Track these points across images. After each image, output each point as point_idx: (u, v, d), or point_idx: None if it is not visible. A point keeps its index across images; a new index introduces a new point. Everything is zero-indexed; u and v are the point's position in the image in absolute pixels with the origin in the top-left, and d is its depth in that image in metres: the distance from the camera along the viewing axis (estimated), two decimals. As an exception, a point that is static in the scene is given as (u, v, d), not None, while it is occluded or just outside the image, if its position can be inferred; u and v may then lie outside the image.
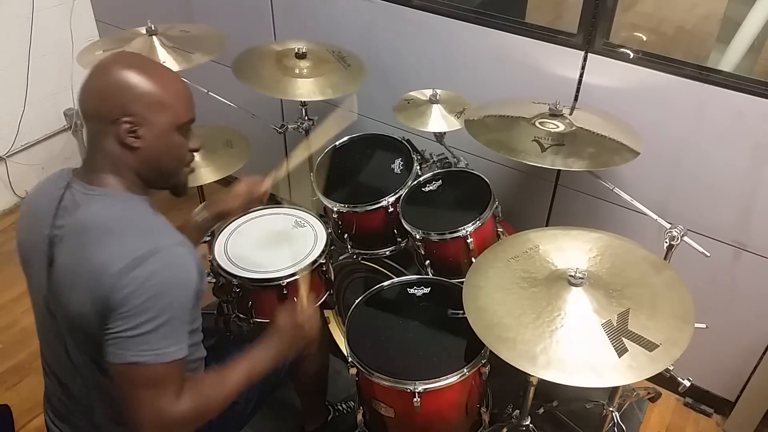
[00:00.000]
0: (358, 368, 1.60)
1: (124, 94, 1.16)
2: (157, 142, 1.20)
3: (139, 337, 1.10)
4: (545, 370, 1.28)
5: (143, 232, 1.17)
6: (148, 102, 1.17)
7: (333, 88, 2.02)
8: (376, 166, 2.11)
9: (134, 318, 1.09)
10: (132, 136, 1.17)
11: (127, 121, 1.16)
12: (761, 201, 1.81)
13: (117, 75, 1.16)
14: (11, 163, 3.10)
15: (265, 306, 1.90)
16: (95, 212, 1.18)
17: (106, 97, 1.16)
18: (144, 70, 1.18)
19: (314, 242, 1.95)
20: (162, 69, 1.25)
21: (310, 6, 2.40)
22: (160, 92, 1.18)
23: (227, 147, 2.11)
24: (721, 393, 2.19)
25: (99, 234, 1.15)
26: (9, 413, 1.66)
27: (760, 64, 1.97)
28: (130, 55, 1.25)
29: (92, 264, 1.12)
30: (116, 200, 1.20)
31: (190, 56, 1.97)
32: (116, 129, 1.17)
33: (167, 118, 1.20)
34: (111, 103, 1.16)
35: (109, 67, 1.18)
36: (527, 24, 2.01)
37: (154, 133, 1.19)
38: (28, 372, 2.34)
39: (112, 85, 1.16)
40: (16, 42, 2.94)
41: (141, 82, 1.17)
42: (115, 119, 1.16)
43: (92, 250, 1.13)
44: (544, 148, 1.61)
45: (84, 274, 1.13)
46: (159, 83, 1.18)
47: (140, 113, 1.17)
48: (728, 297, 1.99)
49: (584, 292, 1.41)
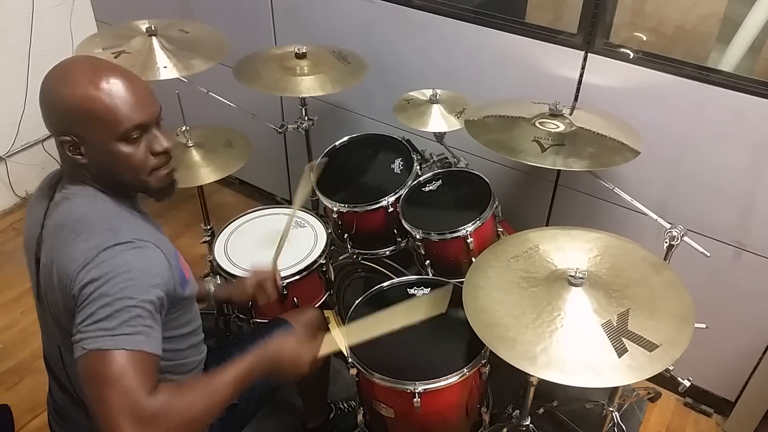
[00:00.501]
0: (358, 368, 1.60)
1: (58, 111, 1.13)
2: (101, 156, 1.16)
3: (96, 324, 1.04)
4: (545, 370, 1.28)
5: (105, 229, 1.14)
6: (77, 119, 1.12)
7: (333, 84, 2.02)
8: (376, 166, 2.11)
9: (90, 306, 1.05)
10: (76, 153, 1.16)
11: (65, 140, 1.14)
12: (761, 201, 1.81)
13: (50, 91, 1.14)
14: (11, 163, 3.10)
15: (265, 306, 1.90)
16: (66, 212, 1.18)
17: (47, 114, 1.15)
18: (73, 83, 1.12)
19: (314, 242, 1.95)
20: (98, 74, 1.13)
21: (310, 6, 2.40)
22: (88, 106, 1.11)
23: (227, 147, 2.10)
24: (721, 393, 2.19)
25: (67, 233, 1.15)
26: (9, 413, 1.66)
27: (760, 64, 1.97)
28: (64, 66, 1.15)
29: (60, 263, 1.12)
30: (85, 199, 1.19)
31: (190, 63, 1.96)
32: (61, 146, 1.16)
33: (102, 132, 1.13)
34: (51, 120, 1.15)
35: (46, 82, 1.14)
36: (527, 24, 2.01)
37: (94, 148, 1.15)
38: (28, 372, 2.34)
39: (49, 102, 1.14)
40: (16, 42, 2.94)
41: (68, 97, 1.11)
42: (57, 136, 1.15)
43: (61, 249, 1.14)
44: (544, 148, 1.61)
45: (56, 273, 1.14)
46: (88, 96, 1.11)
47: (74, 131, 1.13)
48: (728, 297, 1.99)
49: (584, 292, 1.41)
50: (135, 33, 2.04)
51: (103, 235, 1.12)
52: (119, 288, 1.06)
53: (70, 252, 1.11)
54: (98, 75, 1.13)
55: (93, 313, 1.04)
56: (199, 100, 2.13)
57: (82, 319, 1.05)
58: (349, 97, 2.49)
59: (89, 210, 1.18)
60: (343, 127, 2.51)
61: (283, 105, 2.70)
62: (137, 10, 2.72)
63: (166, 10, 2.80)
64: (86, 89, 1.11)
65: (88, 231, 1.13)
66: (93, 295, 1.05)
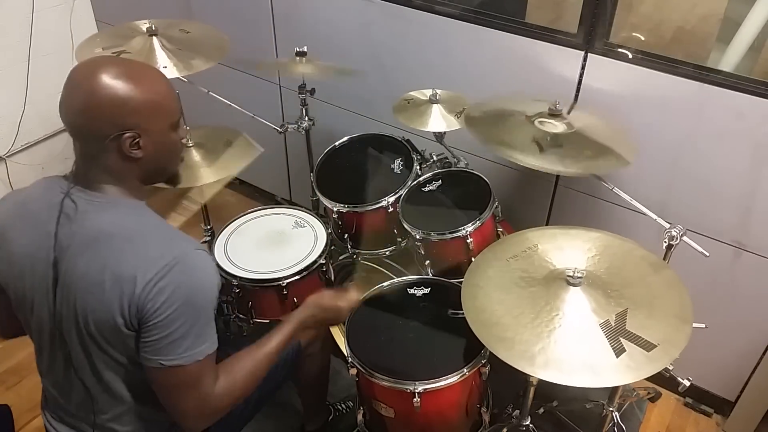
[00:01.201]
0: (358, 368, 1.61)
1: (119, 109, 1.13)
2: (158, 146, 1.20)
3: (174, 343, 1.15)
4: (543, 370, 1.28)
5: (163, 239, 1.19)
6: (144, 111, 1.15)
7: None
8: (376, 166, 2.11)
9: (168, 326, 1.14)
10: (135, 147, 1.17)
11: (128, 136, 1.15)
12: (761, 201, 1.81)
13: (104, 90, 1.12)
14: (11, 163, 3.10)
15: (265, 306, 1.91)
16: (108, 221, 1.18)
17: (99, 115, 1.13)
18: (129, 78, 1.14)
19: (314, 242, 1.96)
20: (145, 71, 1.20)
21: (310, 6, 2.40)
22: (152, 98, 1.16)
23: (227, 147, 2.10)
24: (721, 393, 2.19)
25: (119, 242, 1.15)
26: (9, 413, 1.66)
27: (760, 64, 1.97)
28: (106, 64, 1.15)
29: (118, 271, 1.13)
30: (127, 209, 1.21)
31: (190, 63, 1.95)
32: (116, 145, 1.15)
33: (164, 121, 1.20)
34: (106, 120, 1.13)
35: (92, 82, 1.12)
36: (527, 24, 2.01)
37: (154, 139, 1.19)
38: (28, 372, 2.34)
39: (102, 102, 1.12)
40: (16, 42, 2.94)
41: (131, 92, 1.13)
42: (114, 136, 1.14)
43: (114, 258, 1.14)
44: (543, 149, 1.61)
45: (107, 281, 1.13)
46: (148, 88, 1.16)
47: (138, 124, 1.15)
48: (728, 297, 1.99)
49: (582, 292, 1.41)
50: (135, 33, 2.04)
51: (164, 244, 1.18)
52: (195, 308, 1.16)
53: (132, 260, 1.14)
54: (144, 70, 1.20)
55: (173, 331, 1.14)
56: (198, 99, 2.13)
57: (161, 335, 1.14)
58: (349, 97, 2.49)
59: (138, 218, 1.21)
60: (343, 127, 2.51)
61: (283, 105, 2.70)
62: (137, 10, 2.72)
63: (167, 10, 2.80)
64: (148, 80, 1.17)
65: (144, 238, 1.17)
66: (169, 318, 1.14)
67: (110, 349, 1.20)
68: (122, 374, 1.25)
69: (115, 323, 1.15)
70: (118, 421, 1.31)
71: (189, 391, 1.19)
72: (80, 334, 1.21)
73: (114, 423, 1.31)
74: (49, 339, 1.27)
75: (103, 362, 1.23)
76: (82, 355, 1.24)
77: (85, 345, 1.22)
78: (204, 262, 1.20)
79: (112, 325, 1.15)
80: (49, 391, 1.39)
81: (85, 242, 1.17)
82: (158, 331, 1.14)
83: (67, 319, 1.21)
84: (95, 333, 1.19)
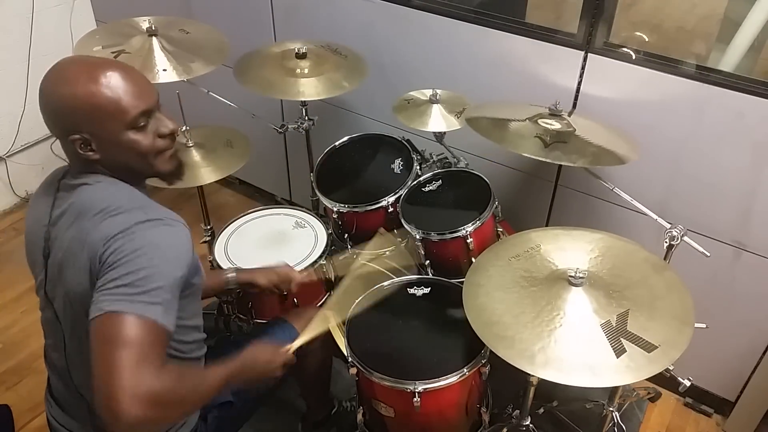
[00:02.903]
0: (358, 368, 1.61)
1: (63, 112, 1.15)
2: (112, 148, 1.19)
3: (118, 288, 1.07)
4: (543, 369, 1.28)
5: (135, 208, 1.17)
6: (88, 116, 1.15)
7: (336, 86, 2.02)
8: (376, 166, 2.11)
9: (116, 270, 1.08)
10: (87, 150, 1.18)
11: (75, 139, 1.16)
12: (761, 201, 1.81)
13: (53, 93, 1.15)
14: (11, 163, 3.10)
15: (265, 306, 1.91)
16: (91, 195, 1.20)
17: (51, 116, 1.17)
18: (73, 82, 1.14)
19: (314, 243, 1.96)
20: (95, 70, 1.16)
21: (310, 5, 2.40)
22: (95, 101, 1.14)
23: (227, 147, 2.10)
24: (721, 393, 2.19)
25: (94, 214, 1.16)
26: (9, 413, 1.66)
27: (760, 64, 1.97)
28: (60, 67, 1.17)
29: (89, 239, 1.14)
30: (107, 184, 1.22)
31: (189, 66, 1.95)
32: (72, 145, 1.18)
33: (113, 123, 1.17)
34: (57, 122, 1.17)
35: (45, 85, 1.16)
36: (527, 24, 2.01)
37: (105, 142, 1.18)
38: (28, 372, 2.34)
39: (52, 105, 1.16)
40: (16, 42, 2.94)
41: (71, 96, 1.14)
42: (66, 137, 1.17)
43: (88, 228, 1.15)
44: (547, 143, 1.60)
45: (82, 250, 1.14)
46: (93, 92, 1.14)
47: (82, 129, 1.16)
48: (728, 297, 1.99)
49: (584, 293, 1.41)
50: (135, 31, 2.04)
51: (134, 212, 1.16)
52: (147, 259, 1.09)
53: (103, 228, 1.13)
54: (96, 70, 1.16)
55: (117, 277, 1.07)
56: (198, 99, 2.13)
57: (106, 281, 1.08)
58: (349, 97, 2.49)
59: (115, 192, 1.21)
60: (343, 127, 2.51)
61: (284, 105, 2.70)
62: (137, 9, 2.72)
63: (166, 9, 2.80)
64: (87, 86, 1.14)
65: (119, 209, 1.16)
66: (120, 262, 1.08)
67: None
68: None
69: (87, 292, 1.12)
70: None
71: (127, 354, 1.02)
72: (69, 313, 1.22)
73: None
74: (51, 326, 1.29)
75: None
76: (75, 337, 1.25)
77: (74, 326, 1.23)
78: (171, 228, 1.16)
79: (86, 295, 1.13)
80: (53, 378, 1.40)
81: (67, 220, 1.20)
82: (105, 276, 1.08)
83: (59, 297, 1.23)
84: (79, 311, 1.17)
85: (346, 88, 2.03)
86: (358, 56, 2.16)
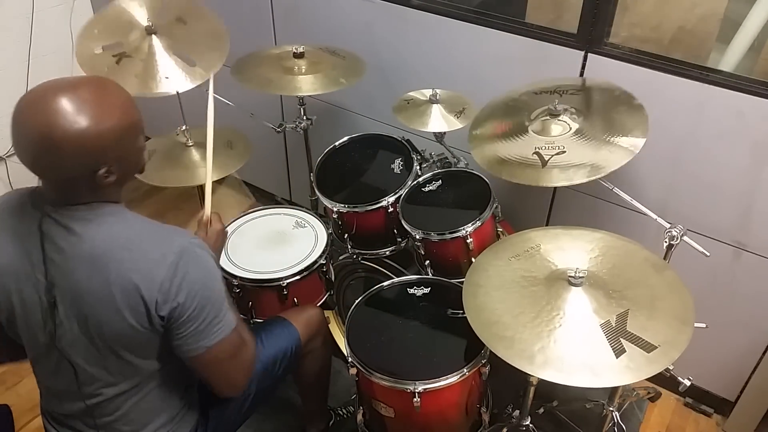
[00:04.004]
0: (358, 368, 1.61)
1: (86, 151, 1.07)
2: (129, 161, 1.19)
3: (210, 325, 1.22)
4: (542, 370, 1.28)
5: (157, 238, 1.19)
6: (112, 143, 1.10)
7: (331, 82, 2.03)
8: (376, 166, 2.11)
9: (199, 316, 1.20)
10: (109, 177, 1.13)
11: (102, 173, 1.11)
12: (761, 201, 1.81)
13: (65, 134, 1.04)
14: (11, 163, 3.10)
15: (265, 306, 1.91)
16: (97, 235, 1.15)
17: (64, 161, 1.07)
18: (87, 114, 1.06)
19: (314, 243, 1.96)
20: (101, 96, 1.10)
21: (310, 5, 2.40)
22: (114, 125, 1.10)
23: (227, 147, 2.11)
24: (721, 393, 2.19)
25: (117, 254, 1.14)
26: (9, 413, 1.66)
27: (760, 64, 1.97)
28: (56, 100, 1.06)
29: (122, 283, 1.14)
30: (112, 217, 1.18)
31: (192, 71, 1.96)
32: (91, 179, 1.12)
33: (131, 139, 1.16)
34: (73, 165, 1.08)
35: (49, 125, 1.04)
36: (527, 24, 2.01)
37: (125, 160, 1.17)
38: (28, 372, 2.29)
39: (65, 147, 1.05)
40: (16, 42, 2.94)
41: (94, 129, 1.06)
42: (89, 174, 1.11)
43: (116, 270, 1.14)
44: (545, 161, 1.59)
45: (116, 294, 1.14)
46: (109, 117, 1.09)
47: (109, 158, 1.11)
48: (728, 297, 1.99)
49: (584, 292, 1.41)
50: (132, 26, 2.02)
51: (161, 243, 1.18)
52: (212, 289, 1.22)
53: (135, 267, 1.14)
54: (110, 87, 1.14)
55: (205, 317, 1.21)
56: (198, 99, 2.13)
57: (194, 327, 1.20)
58: (349, 98, 2.49)
59: (125, 225, 1.19)
60: (343, 127, 2.52)
61: (283, 105, 2.70)
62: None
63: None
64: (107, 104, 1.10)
65: (139, 244, 1.17)
66: (199, 306, 1.19)
67: (127, 354, 1.22)
68: (131, 374, 1.27)
69: (133, 331, 1.18)
70: (122, 420, 1.32)
71: (238, 356, 1.30)
72: (89, 348, 1.22)
73: (118, 422, 1.32)
74: (46, 352, 1.27)
75: (117, 368, 1.25)
76: (91, 366, 1.25)
77: (94, 356, 1.23)
78: (202, 248, 1.23)
79: (130, 333, 1.18)
80: (49, 397, 1.40)
81: (80, 261, 1.15)
82: (191, 323, 1.20)
83: (71, 336, 1.21)
84: (112, 343, 1.20)
85: (344, 84, 2.03)
86: (356, 57, 2.16)
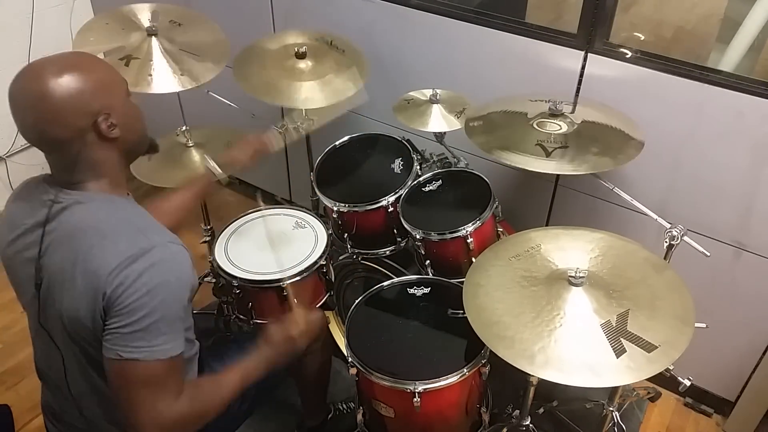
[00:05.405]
0: (358, 368, 1.61)
1: (80, 100, 1.13)
2: (127, 117, 1.21)
3: (134, 334, 1.11)
4: (543, 370, 1.28)
5: (134, 231, 1.17)
6: (102, 90, 1.16)
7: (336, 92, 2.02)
8: (376, 166, 2.11)
9: (129, 315, 1.10)
10: (112, 128, 1.17)
11: (102, 119, 1.15)
12: (761, 201, 1.81)
13: (57, 92, 1.11)
14: (11, 163, 3.10)
15: (265, 307, 1.90)
16: (82, 217, 1.17)
17: (66, 116, 1.12)
18: (72, 69, 1.14)
19: (314, 243, 1.95)
20: (79, 57, 1.21)
21: (310, 5, 2.40)
22: (100, 76, 1.17)
23: (227, 147, 2.10)
24: (721, 393, 2.19)
25: (90, 237, 1.15)
26: (9, 413, 1.66)
27: (760, 64, 1.98)
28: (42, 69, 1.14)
29: (86, 267, 1.13)
30: (102, 203, 1.20)
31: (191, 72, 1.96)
32: (95, 133, 1.16)
33: (119, 92, 1.21)
34: (76, 116, 1.13)
35: (42, 91, 1.11)
36: (527, 24, 2.01)
37: (121, 112, 1.19)
38: (28, 372, 2.34)
39: (62, 103, 1.11)
40: (16, 42, 2.94)
41: (81, 80, 1.13)
42: (90, 125, 1.15)
43: (85, 253, 1.13)
44: (549, 152, 1.60)
45: (78, 277, 1.13)
46: (93, 69, 1.17)
47: (104, 104, 1.15)
48: (728, 297, 1.99)
49: (584, 292, 1.41)
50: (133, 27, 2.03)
51: (134, 238, 1.15)
52: (159, 301, 1.12)
53: (100, 254, 1.12)
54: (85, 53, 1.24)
55: (132, 322, 1.10)
56: (198, 99, 2.13)
57: (120, 325, 1.11)
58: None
59: (111, 212, 1.19)
60: (343, 127, 2.51)
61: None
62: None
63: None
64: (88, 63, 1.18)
65: (115, 233, 1.15)
66: (133, 306, 1.10)
67: (90, 349, 1.19)
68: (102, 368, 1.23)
69: (87, 321, 1.14)
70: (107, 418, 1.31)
71: (146, 393, 1.13)
72: (64, 335, 1.21)
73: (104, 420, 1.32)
74: (37, 333, 1.28)
75: (87, 362, 1.23)
76: (72, 356, 1.24)
77: (70, 346, 1.22)
78: (174, 255, 1.17)
79: (84, 324, 1.15)
80: (45, 390, 1.40)
81: (61, 239, 1.17)
82: (119, 319, 1.11)
83: (53, 320, 1.21)
84: (74, 333, 1.19)
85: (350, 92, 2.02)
86: (355, 50, 2.14)
